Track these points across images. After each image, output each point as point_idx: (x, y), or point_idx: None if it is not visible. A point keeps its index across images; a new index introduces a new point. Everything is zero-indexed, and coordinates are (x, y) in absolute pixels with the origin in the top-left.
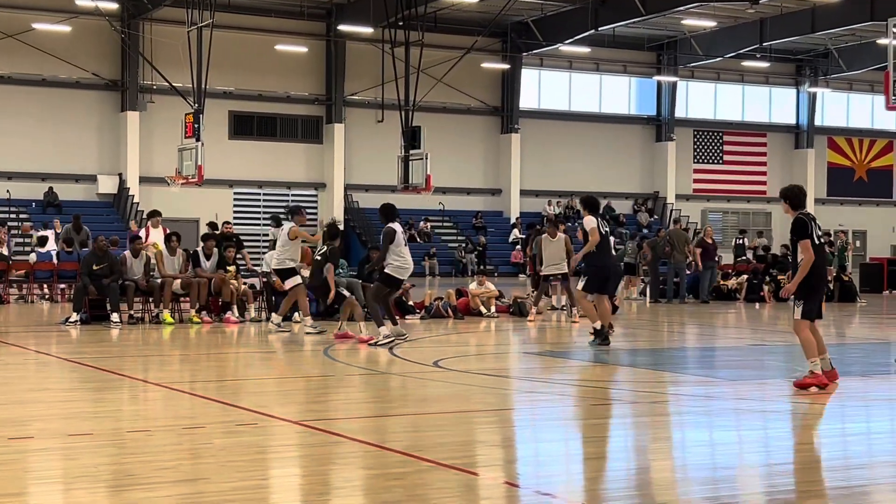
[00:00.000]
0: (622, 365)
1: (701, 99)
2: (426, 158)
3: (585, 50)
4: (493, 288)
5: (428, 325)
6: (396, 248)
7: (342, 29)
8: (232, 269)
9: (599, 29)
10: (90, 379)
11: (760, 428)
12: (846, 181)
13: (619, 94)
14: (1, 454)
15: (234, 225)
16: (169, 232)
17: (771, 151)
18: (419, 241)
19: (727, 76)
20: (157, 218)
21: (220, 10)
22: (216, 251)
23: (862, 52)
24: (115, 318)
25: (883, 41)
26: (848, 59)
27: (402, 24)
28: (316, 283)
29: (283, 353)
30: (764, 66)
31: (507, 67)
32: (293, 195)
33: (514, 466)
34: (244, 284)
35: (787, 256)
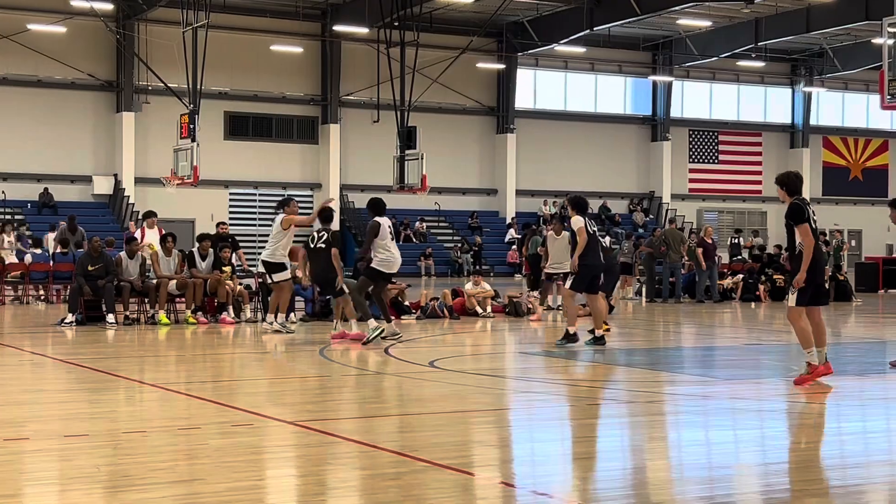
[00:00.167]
0: (618, 364)
1: (696, 99)
2: (422, 158)
3: (581, 50)
4: (488, 288)
5: (424, 325)
6: (382, 241)
7: (337, 29)
8: (227, 269)
9: (595, 29)
10: (86, 380)
11: (756, 427)
12: (841, 181)
13: (614, 93)
14: None
15: (229, 225)
16: (164, 232)
17: (766, 151)
18: (415, 241)
19: (722, 76)
20: (152, 219)
21: (215, 10)
22: (212, 252)
23: (857, 51)
24: (110, 318)
25: (878, 41)
26: (843, 58)
27: (397, 24)
28: (319, 269)
29: (278, 353)
30: (759, 65)
31: (502, 67)
32: (289, 195)
33: (509, 466)
34: (240, 285)
35: (780, 255)
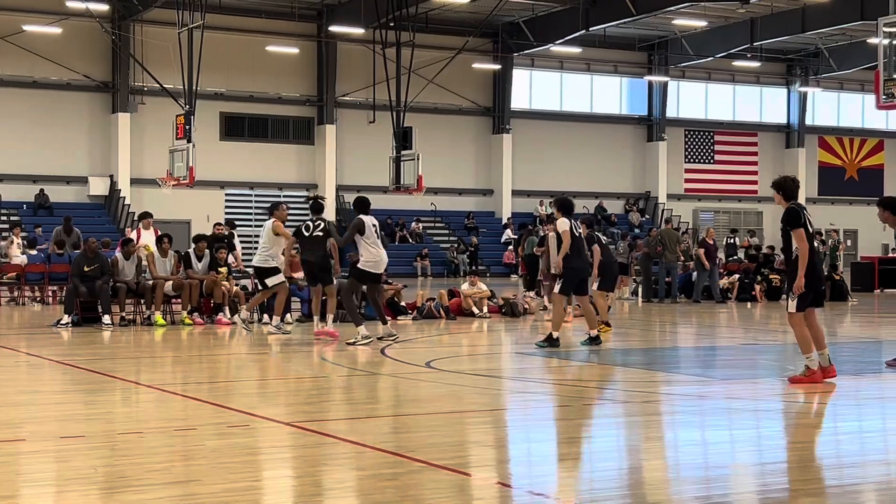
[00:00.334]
0: (614, 365)
1: (692, 99)
2: (418, 159)
3: (576, 50)
4: (484, 288)
5: (420, 325)
6: (367, 240)
7: (333, 30)
8: (223, 270)
9: (590, 29)
10: (82, 381)
11: (753, 427)
12: (837, 180)
13: (610, 94)
14: None
15: (225, 226)
16: (160, 233)
17: (762, 151)
18: (411, 241)
19: (718, 76)
20: (148, 219)
21: (210, 11)
22: (208, 252)
23: (852, 51)
24: (106, 319)
25: (873, 40)
26: (838, 58)
27: (393, 24)
28: (315, 257)
29: (274, 354)
30: (755, 65)
31: (498, 68)
32: (285, 196)
33: (506, 467)
34: (236, 286)
35: (775, 258)
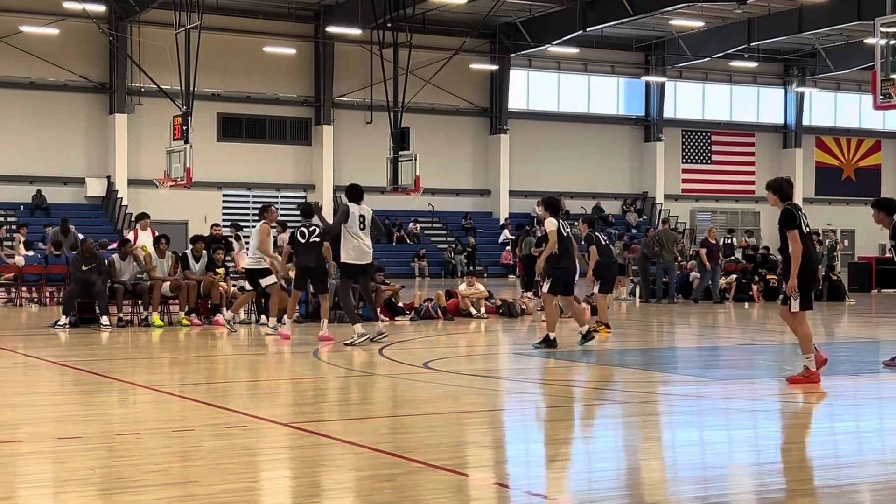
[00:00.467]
0: (612, 365)
1: (689, 99)
2: (415, 160)
3: (574, 51)
4: (482, 289)
5: (417, 326)
6: (350, 229)
7: (330, 30)
8: (221, 271)
9: (587, 30)
10: (79, 382)
11: (750, 427)
12: (834, 181)
13: (607, 94)
14: None
15: (223, 227)
16: (158, 234)
17: (759, 151)
18: (408, 242)
19: (715, 76)
20: (145, 220)
21: (207, 12)
22: (205, 253)
23: (849, 51)
24: (104, 320)
25: (870, 41)
26: (835, 58)
27: (390, 25)
28: (313, 263)
29: (272, 355)
30: (752, 66)
31: (495, 68)
32: (282, 197)
33: (504, 467)
34: (233, 286)
35: (771, 256)
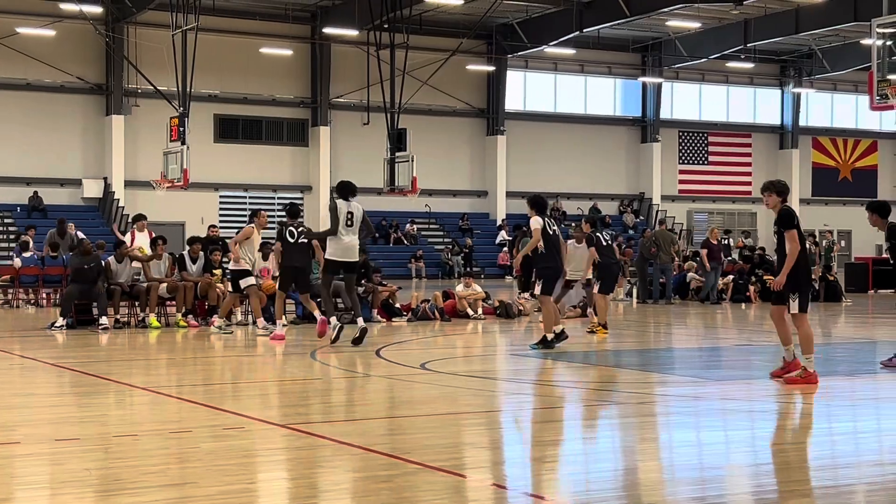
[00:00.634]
0: (610, 366)
1: (686, 100)
2: (412, 161)
3: (570, 51)
4: (479, 290)
5: (415, 327)
6: (337, 225)
7: (327, 32)
8: (218, 272)
9: (584, 30)
10: (76, 383)
11: (747, 428)
12: (831, 181)
13: (604, 95)
14: None
15: (219, 228)
16: (155, 236)
17: (756, 152)
18: (405, 243)
19: (712, 77)
20: (142, 222)
21: (204, 13)
22: (202, 255)
23: (846, 52)
24: (103, 322)
25: (867, 41)
26: (832, 59)
27: (387, 26)
28: (300, 263)
29: (269, 356)
30: (748, 66)
31: (492, 69)
32: (279, 198)
33: (501, 468)
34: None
35: (766, 256)
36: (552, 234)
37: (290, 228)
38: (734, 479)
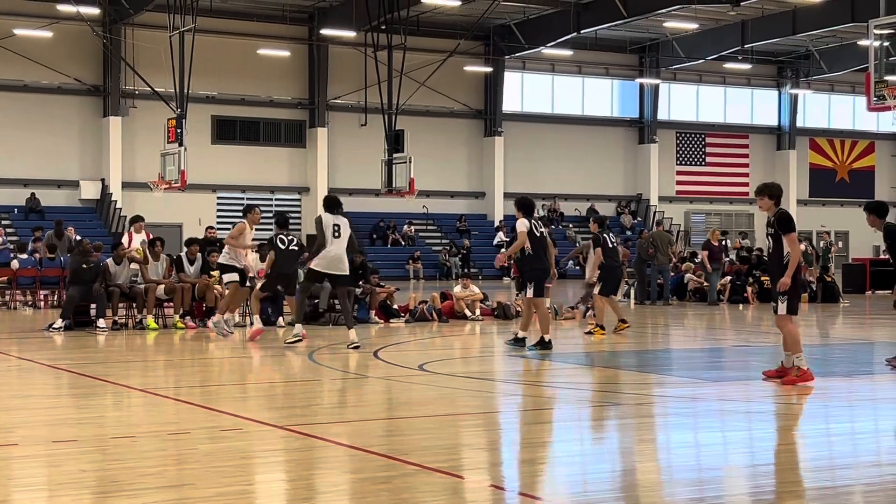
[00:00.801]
0: (607, 367)
1: (683, 101)
2: (410, 162)
3: (568, 53)
4: (477, 291)
5: (412, 328)
6: (324, 238)
7: (325, 33)
8: (216, 273)
9: (581, 32)
10: (74, 385)
11: (745, 429)
12: (828, 182)
13: (601, 96)
14: None
15: (217, 230)
16: (152, 237)
17: (753, 153)
18: (403, 244)
19: (709, 78)
20: (140, 223)
21: (202, 14)
22: (200, 256)
23: (843, 53)
24: (101, 323)
25: (864, 42)
26: (829, 60)
27: (384, 27)
28: (287, 270)
29: (267, 357)
30: (745, 67)
31: (489, 70)
32: (276, 199)
33: (499, 469)
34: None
35: (763, 257)
36: (539, 235)
37: (279, 236)
38: (732, 479)
